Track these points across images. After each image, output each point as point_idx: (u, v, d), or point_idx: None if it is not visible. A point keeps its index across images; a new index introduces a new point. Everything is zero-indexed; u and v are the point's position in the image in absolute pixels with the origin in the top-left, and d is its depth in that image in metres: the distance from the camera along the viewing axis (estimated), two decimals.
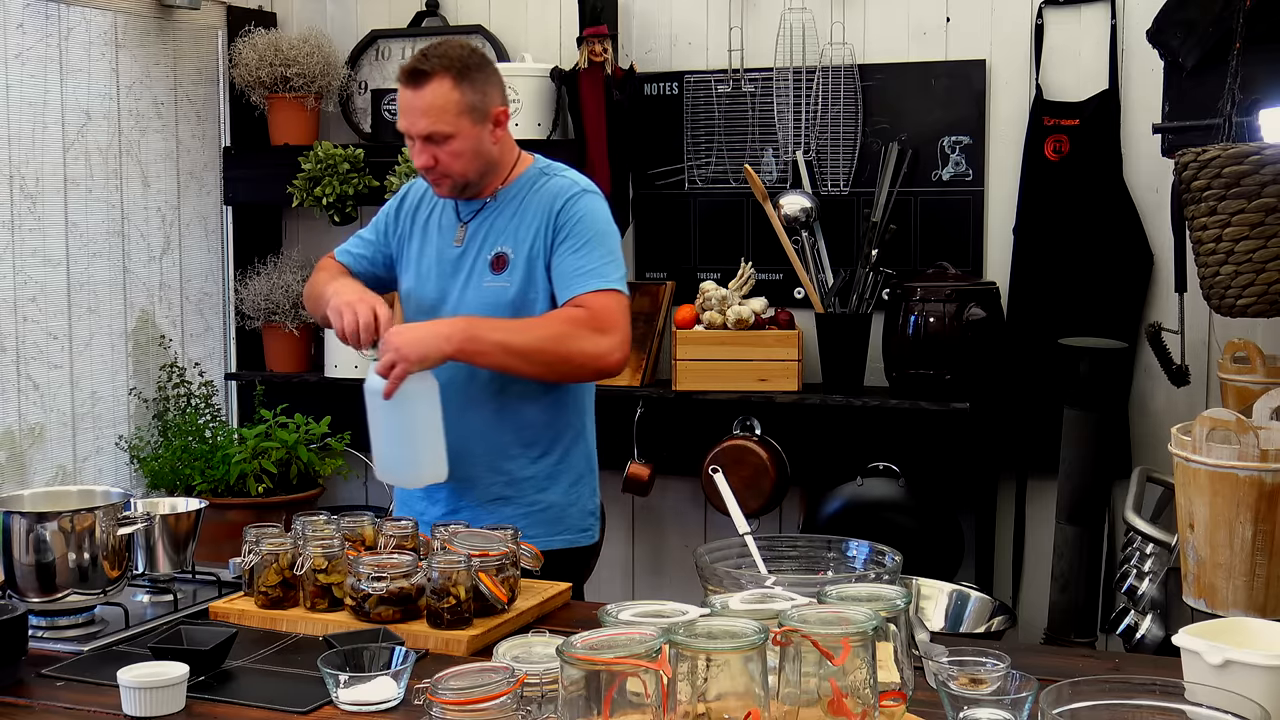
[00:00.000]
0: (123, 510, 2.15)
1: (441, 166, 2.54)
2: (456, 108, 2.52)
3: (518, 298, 2.56)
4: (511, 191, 2.64)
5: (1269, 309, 2.74)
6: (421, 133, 2.52)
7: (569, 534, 2.66)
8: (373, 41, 4.43)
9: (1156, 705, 1.37)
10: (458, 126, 2.52)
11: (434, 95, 2.51)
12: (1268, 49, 2.93)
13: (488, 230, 2.62)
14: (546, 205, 2.59)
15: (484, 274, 2.59)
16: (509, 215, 2.61)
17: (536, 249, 2.57)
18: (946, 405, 3.61)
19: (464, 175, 2.57)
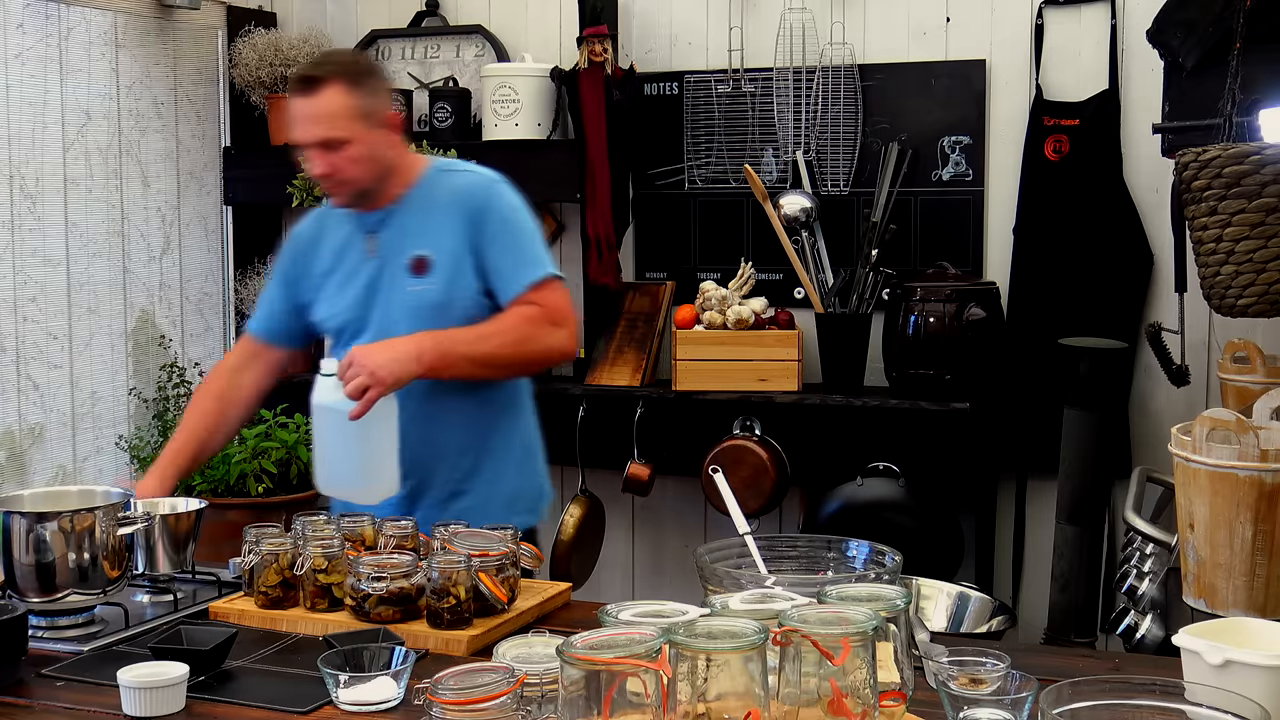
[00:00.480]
0: (123, 510, 2.15)
1: (338, 174, 2.51)
2: (350, 112, 2.49)
3: (444, 299, 2.53)
4: (417, 194, 2.60)
5: (1269, 309, 2.74)
6: (317, 139, 2.48)
7: (523, 515, 2.67)
8: (373, 41, 4.43)
9: (1156, 705, 1.37)
10: (353, 131, 2.49)
11: (328, 101, 2.48)
12: (1268, 49, 2.92)
13: (399, 236, 2.58)
14: (462, 202, 2.56)
15: (404, 280, 2.55)
16: (420, 217, 2.58)
17: (460, 248, 2.54)
18: (946, 405, 3.61)
19: (361, 181, 2.53)
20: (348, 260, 2.63)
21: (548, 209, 4.27)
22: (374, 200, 2.58)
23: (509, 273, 2.54)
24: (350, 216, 2.64)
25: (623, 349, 4.01)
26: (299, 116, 2.51)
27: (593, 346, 4.06)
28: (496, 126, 4.03)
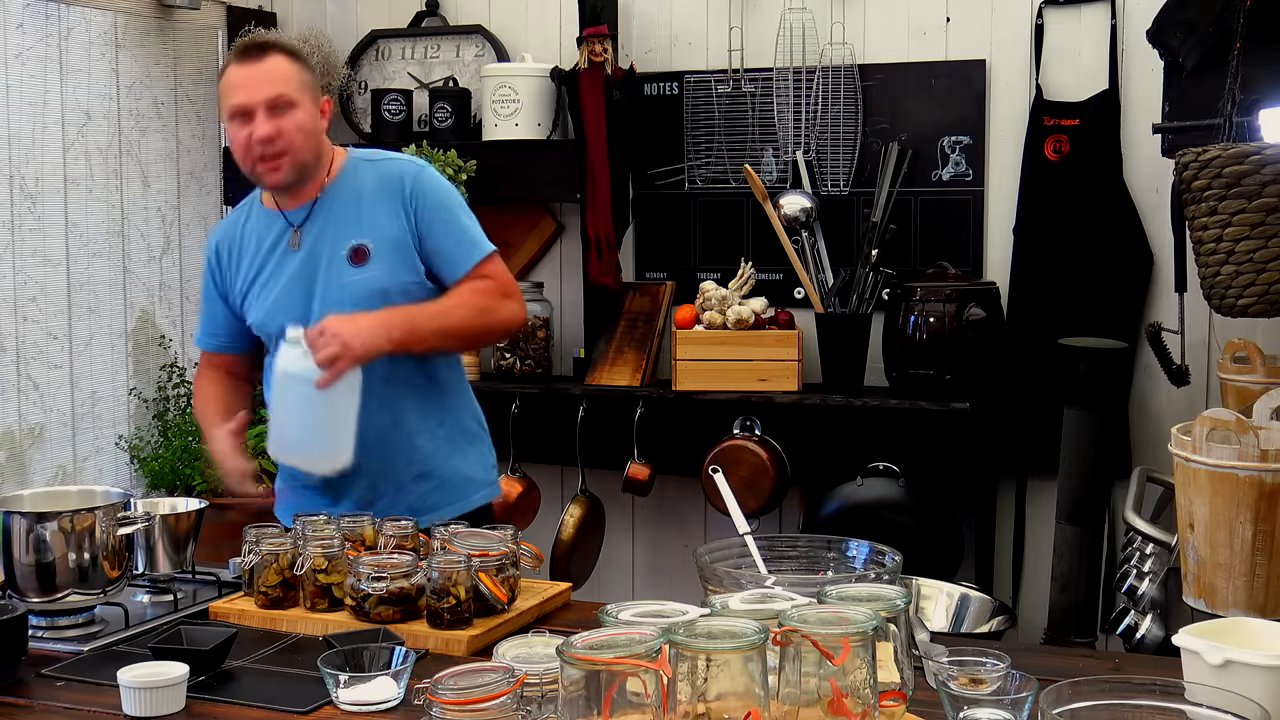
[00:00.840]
0: (123, 510, 2.15)
1: (285, 138, 2.49)
2: (298, 79, 2.53)
3: (385, 285, 2.54)
4: (341, 184, 2.60)
5: (1269, 309, 2.74)
6: (267, 98, 2.47)
7: (482, 491, 2.71)
8: (373, 41, 4.43)
9: (1156, 705, 1.37)
10: (300, 97, 2.52)
11: (277, 66, 2.51)
12: (1268, 49, 2.92)
13: (329, 227, 2.57)
14: (393, 189, 2.58)
15: (342, 270, 2.54)
16: (348, 207, 2.58)
17: (399, 234, 2.55)
18: (946, 405, 3.61)
19: (304, 152, 2.52)
20: (273, 260, 2.61)
21: (548, 209, 4.27)
22: (304, 183, 2.58)
23: (454, 253, 2.59)
24: (270, 216, 2.63)
25: (623, 349, 4.01)
26: (245, 80, 2.49)
27: (593, 346, 4.06)
28: (496, 126, 4.03)
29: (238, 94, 2.50)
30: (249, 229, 2.66)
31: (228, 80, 2.53)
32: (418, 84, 4.37)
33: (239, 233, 2.67)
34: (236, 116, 2.50)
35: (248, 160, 2.53)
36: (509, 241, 4.20)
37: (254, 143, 2.49)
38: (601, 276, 3.96)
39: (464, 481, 2.68)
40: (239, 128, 2.51)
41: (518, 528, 2.37)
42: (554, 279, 4.27)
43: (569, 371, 4.19)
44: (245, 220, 2.68)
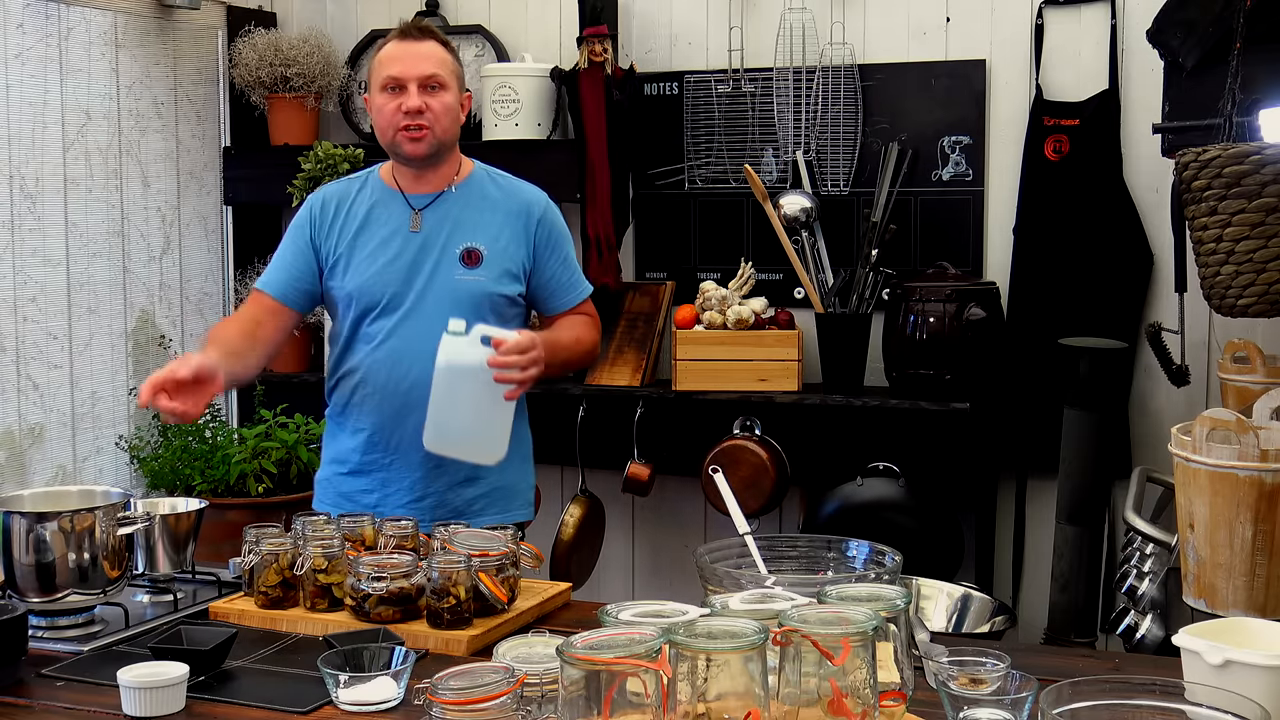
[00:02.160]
0: (123, 510, 2.15)
1: (431, 113, 2.62)
2: (451, 66, 2.69)
3: (491, 292, 2.67)
4: (469, 187, 2.73)
5: (1269, 309, 2.74)
6: (423, 74, 2.62)
7: (521, 509, 2.80)
8: (373, 41, 4.43)
9: (1156, 705, 1.37)
10: (450, 82, 2.67)
11: (434, 49, 2.66)
12: (1268, 49, 2.92)
13: (448, 222, 2.69)
14: (521, 210, 2.73)
15: (453, 266, 2.65)
16: (471, 210, 2.70)
17: (511, 250, 2.69)
18: (946, 405, 3.61)
19: (444, 134, 2.66)
20: (386, 232, 2.69)
21: None
22: (430, 172, 2.70)
23: (567, 285, 2.78)
24: (390, 194, 2.72)
25: (623, 349, 4.01)
26: (405, 55, 2.63)
27: None
28: (496, 126, 4.03)
29: (394, 66, 2.64)
30: (363, 198, 2.74)
31: (386, 53, 2.66)
32: None
33: (353, 197, 2.74)
34: (389, 88, 2.64)
35: (390, 129, 2.65)
36: None
37: (402, 113, 2.62)
38: (601, 276, 3.96)
39: (510, 493, 2.76)
40: (389, 98, 2.64)
41: (517, 528, 2.37)
42: None
43: (569, 371, 4.19)
44: (361, 188, 2.76)
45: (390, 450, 2.68)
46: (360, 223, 2.71)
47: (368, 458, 2.70)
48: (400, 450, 2.67)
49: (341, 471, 2.74)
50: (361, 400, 2.70)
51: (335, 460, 2.77)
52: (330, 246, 2.72)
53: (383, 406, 2.67)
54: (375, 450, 2.69)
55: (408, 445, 2.64)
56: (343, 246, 2.71)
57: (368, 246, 2.69)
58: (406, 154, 2.67)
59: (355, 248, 2.70)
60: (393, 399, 2.66)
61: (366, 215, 2.71)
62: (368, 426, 2.69)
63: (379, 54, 2.69)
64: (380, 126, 2.67)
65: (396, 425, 2.66)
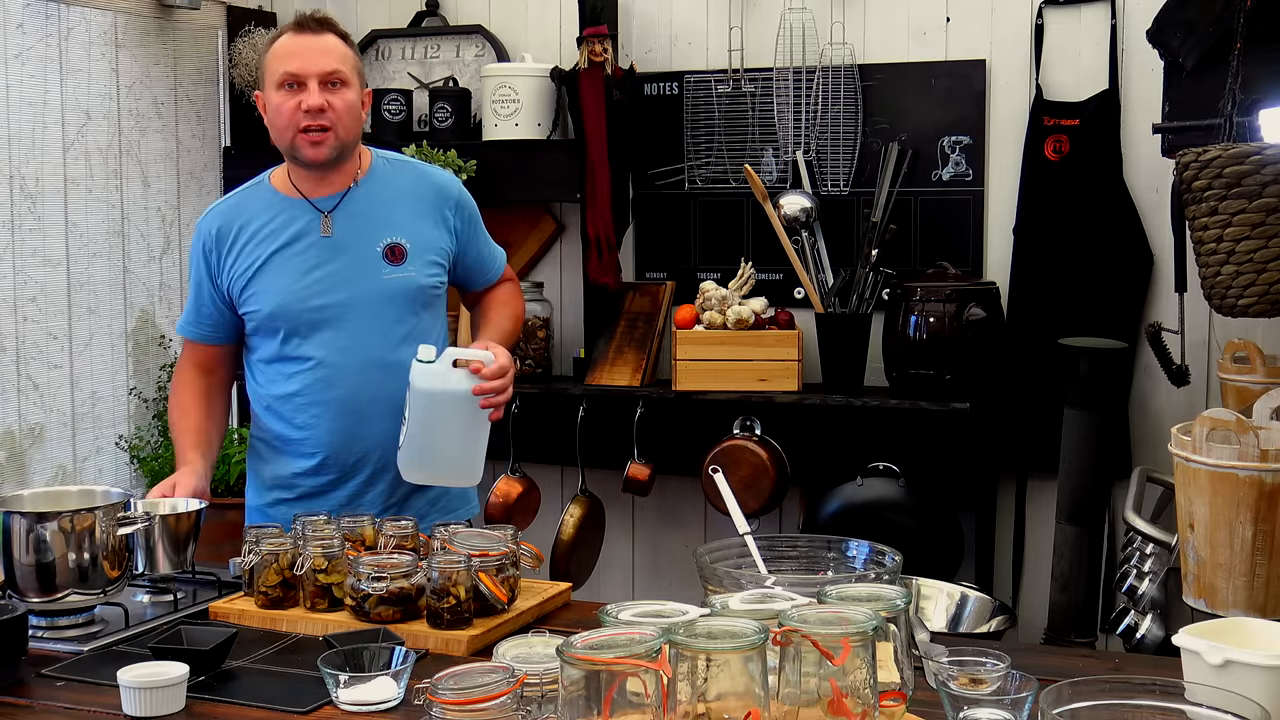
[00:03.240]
0: (123, 510, 2.15)
1: (334, 113, 2.48)
2: (352, 61, 2.56)
3: (422, 285, 2.57)
4: (373, 179, 2.59)
5: (1269, 309, 2.74)
6: (324, 70, 2.47)
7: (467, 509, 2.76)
8: (373, 41, 4.43)
9: (1156, 705, 1.37)
10: (352, 78, 2.53)
11: (333, 43, 2.53)
12: (1268, 49, 2.92)
13: (361, 219, 2.55)
14: (434, 195, 2.62)
15: (378, 265, 2.53)
16: (383, 204, 2.57)
17: (433, 238, 2.59)
18: (946, 405, 3.61)
19: (347, 134, 2.52)
20: (297, 243, 2.53)
21: (548, 209, 4.27)
22: (332, 173, 2.55)
23: (489, 260, 2.75)
24: (289, 202, 2.56)
25: (623, 349, 4.01)
26: (303, 49, 2.49)
27: (593, 346, 4.06)
28: (496, 126, 4.03)
29: (291, 62, 2.48)
30: (259, 211, 2.57)
31: (282, 48, 2.51)
32: (418, 84, 4.37)
33: (245, 216, 2.57)
34: (286, 85, 2.48)
35: (289, 130, 2.49)
36: (509, 241, 4.19)
37: (301, 112, 2.47)
38: (601, 276, 3.96)
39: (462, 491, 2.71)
40: (287, 96, 2.48)
41: (518, 528, 2.37)
42: (554, 279, 4.27)
43: (569, 371, 4.19)
44: (251, 202, 2.59)
45: (346, 470, 2.56)
46: (263, 240, 2.54)
47: (320, 480, 2.57)
48: (357, 466, 2.56)
49: (289, 498, 2.59)
50: (307, 423, 2.55)
51: (277, 486, 2.62)
52: (235, 273, 2.55)
53: (333, 425, 2.54)
54: (329, 473, 2.57)
55: (363, 460, 2.55)
56: (250, 269, 2.53)
57: (279, 263, 2.52)
58: (307, 159, 2.50)
59: (265, 268, 2.53)
60: (341, 416, 2.53)
61: (269, 232, 2.54)
62: (319, 450, 2.55)
63: (273, 47, 2.52)
64: (278, 127, 2.50)
65: (349, 442, 2.54)
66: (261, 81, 2.56)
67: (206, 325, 2.63)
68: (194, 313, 2.64)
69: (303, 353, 2.53)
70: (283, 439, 2.60)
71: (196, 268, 2.61)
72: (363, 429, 2.54)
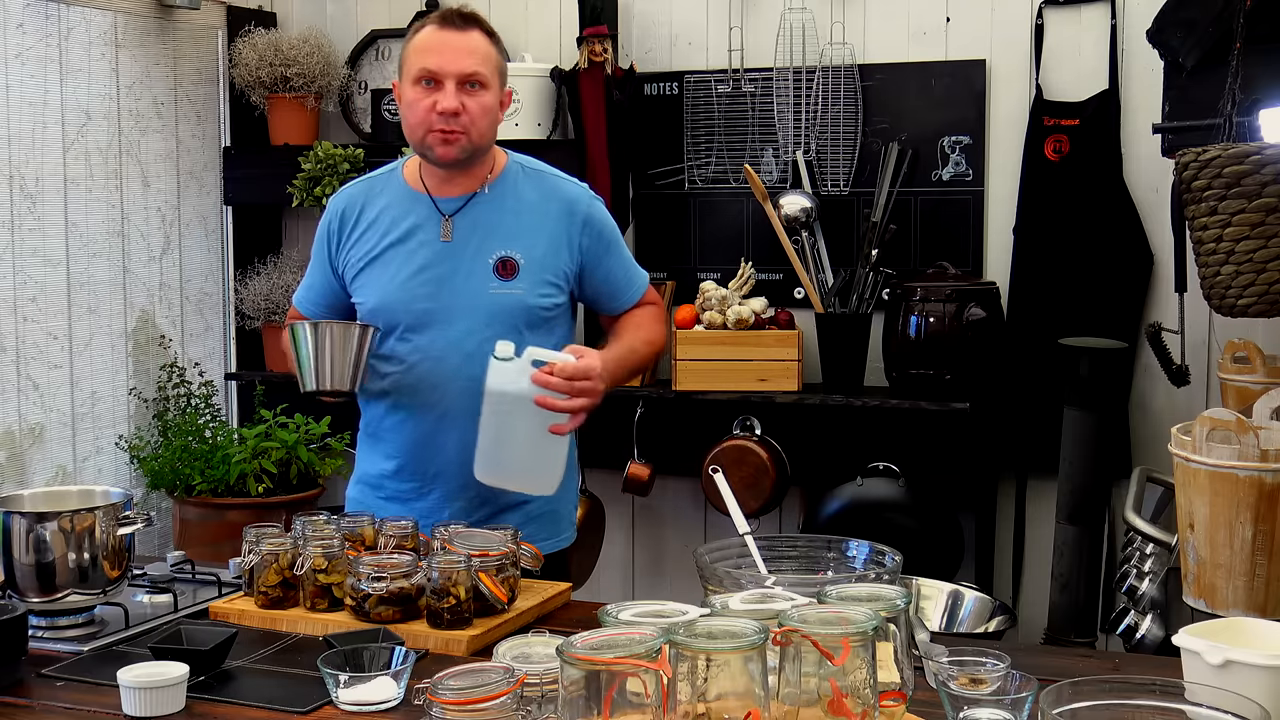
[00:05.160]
0: (123, 510, 2.15)
1: (467, 116, 2.37)
2: (494, 61, 2.43)
3: (530, 304, 2.44)
4: (502, 186, 2.49)
5: (1269, 309, 2.74)
6: (463, 71, 2.36)
7: (566, 531, 2.67)
8: (373, 41, 4.43)
9: (1156, 705, 1.37)
10: (492, 80, 2.41)
11: (477, 41, 2.40)
12: (1268, 49, 2.92)
13: (480, 228, 2.45)
14: (561, 212, 2.48)
15: (487, 279, 2.42)
16: (506, 214, 2.46)
17: (550, 258, 2.46)
18: (946, 405, 3.61)
19: (482, 137, 2.41)
20: (413, 241, 2.45)
21: None
22: (461, 175, 2.46)
23: (625, 283, 2.59)
24: (415, 197, 2.48)
25: None
26: (445, 46, 2.37)
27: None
28: None
29: (431, 57, 2.37)
30: (386, 201, 2.50)
31: (423, 41, 2.39)
32: None
33: (374, 200, 2.51)
34: (422, 81, 2.38)
35: (421, 128, 2.39)
36: None
37: (436, 113, 2.36)
38: None
39: (555, 519, 2.61)
40: (423, 93, 2.38)
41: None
42: None
43: None
44: (383, 190, 2.52)
45: (425, 480, 2.49)
46: (383, 231, 2.47)
47: (402, 486, 2.51)
48: (437, 479, 2.48)
49: (378, 496, 2.54)
50: (393, 425, 2.50)
51: (367, 483, 2.58)
52: (351, 259, 2.50)
53: (415, 433, 2.47)
54: (408, 480, 2.50)
55: (443, 474, 2.47)
56: (365, 259, 2.48)
57: (392, 258, 2.46)
58: (437, 157, 2.41)
59: (378, 260, 2.47)
60: (423, 424, 2.46)
61: (389, 224, 2.47)
62: (398, 455, 2.50)
63: (414, 39, 2.40)
64: (410, 123, 2.40)
65: (429, 453, 2.47)
66: (400, 72, 2.45)
67: (319, 303, 2.59)
68: (308, 290, 2.62)
69: (399, 353, 2.46)
70: (372, 435, 2.57)
71: (318, 243, 2.57)
72: (445, 443, 2.45)
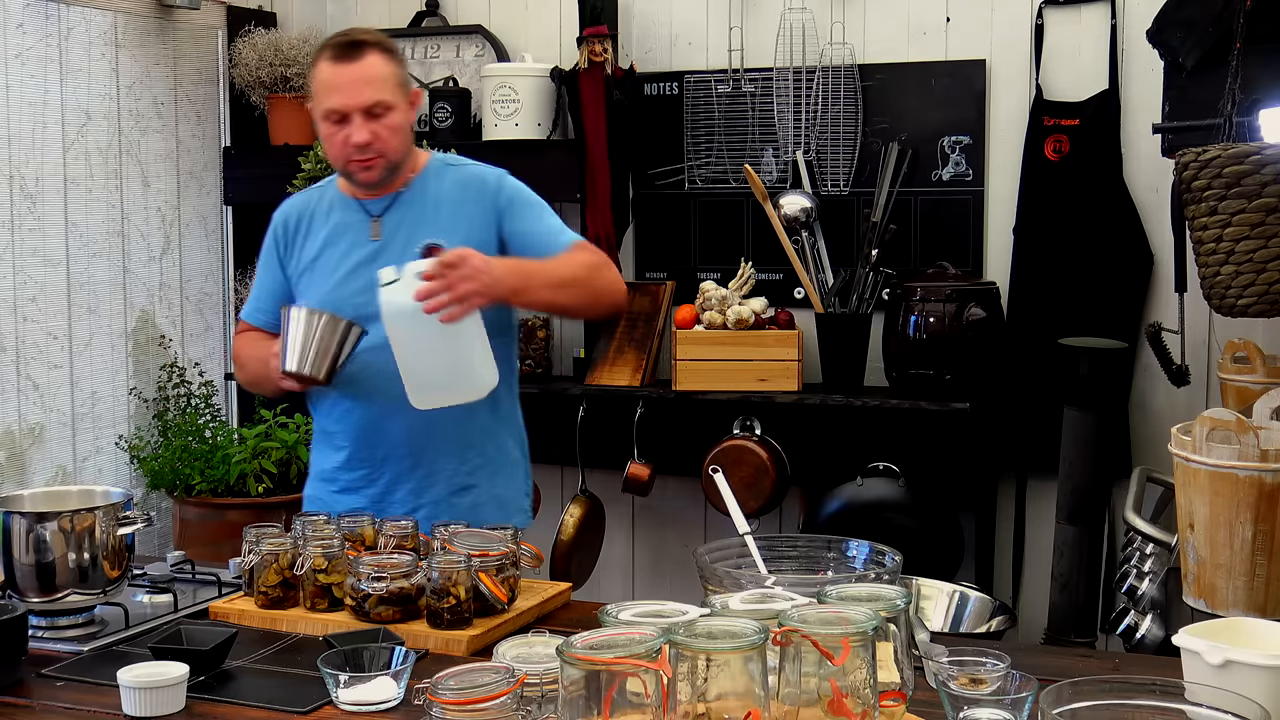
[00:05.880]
0: (123, 510, 2.15)
1: (380, 143, 2.46)
2: (394, 79, 2.49)
3: None
4: (423, 181, 2.58)
5: (1269, 309, 2.74)
6: (365, 103, 2.44)
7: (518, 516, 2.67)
8: None
9: (1156, 705, 1.37)
10: (396, 98, 2.48)
11: (373, 66, 2.46)
12: (1268, 49, 2.93)
13: (407, 223, 2.54)
14: (475, 191, 2.55)
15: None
16: (427, 206, 2.55)
17: (474, 234, 2.50)
18: (946, 405, 3.61)
19: (397, 153, 2.50)
20: (343, 244, 2.57)
21: None
22: (394, 179, 2.55)
23: (549, 235, 2.55)
24: (347, 202, 2.60)
25: (623, 349, 4.01)
26: (343, 82, 2.45)
27: (593, 346, 4.06)
28: (496, 126, 4.03)
29: (333, 97, 2.46)
30: (323, 209, 2.62)
31: (322, 80, 2.48)
32: (418, 84, 4.37)
33: (312, 210, 2.63)
34: (331, 118, 2.47)
35: (340, 160, 2.51)
36: None
37: (350, 146, 2.46)
38: None
39: (502, 502, 2.65)
40: (334, 128, 2.48)
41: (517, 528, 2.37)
42: None
43: (569, 371, 4.19)
44: (319, 200, 2.64)
45: (374, 465, 2.59)
46: (319, 236, 2.60)
47: (353, 475, 2.61)
48: (385, 464, 2.58)
49: (332, 490, 2.64)
50: (340, 416, 2.60)
51: (321, 479, 2.67)
52: (294, 264, 2.63)
53: (361, 421, 2.57)
54: (358, 468, 2.60)
55: (390, 458, 2.57)
56: (305, 263, 2.61)
57: (327, 261, 2.58)
58: (360, 182, 2.54)
59: (316, 264, 2.59)
60: (369, 412, 2.55)
61: (328, 229, 2.60)
62: (347, 444, 2.60)
63: (315, 74, 2.50)
64: (330, 155, 2.53)
65: (376, 439, 2.57)
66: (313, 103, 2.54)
67: (270, 312, 2.65)
68: (259, 298, 2.70)
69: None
70: (323, 432, 2.67)
71: (266, 255, 2.68)
72: (386, 426, 2.54)
